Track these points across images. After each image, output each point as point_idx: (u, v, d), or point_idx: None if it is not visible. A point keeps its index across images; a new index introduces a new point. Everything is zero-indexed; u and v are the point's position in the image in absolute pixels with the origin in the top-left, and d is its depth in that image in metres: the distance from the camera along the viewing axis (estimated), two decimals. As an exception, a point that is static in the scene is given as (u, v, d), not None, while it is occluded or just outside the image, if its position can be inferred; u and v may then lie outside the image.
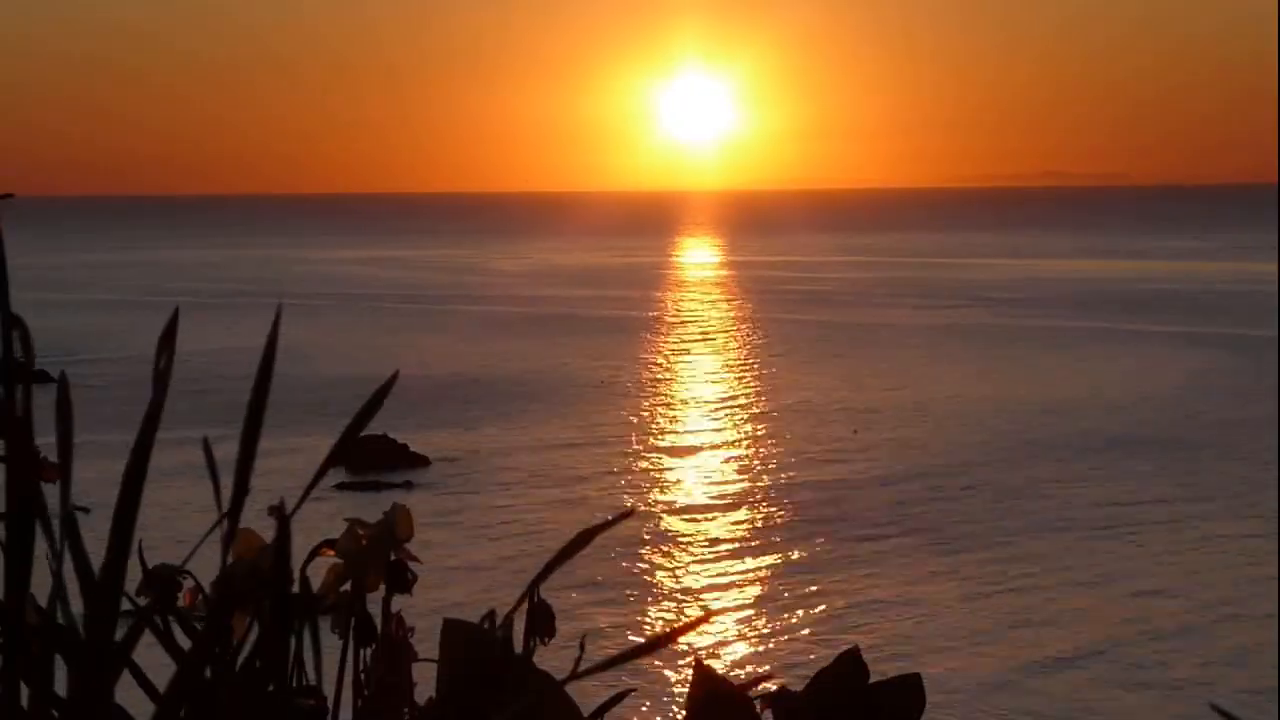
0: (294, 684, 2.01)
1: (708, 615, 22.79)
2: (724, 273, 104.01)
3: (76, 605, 1.73)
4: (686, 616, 21.68)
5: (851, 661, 2.54)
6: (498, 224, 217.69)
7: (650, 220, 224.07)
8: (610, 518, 1.86)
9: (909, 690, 2.55)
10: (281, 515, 1.66)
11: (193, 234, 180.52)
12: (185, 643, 1.93)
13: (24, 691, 1.72)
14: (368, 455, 31.02)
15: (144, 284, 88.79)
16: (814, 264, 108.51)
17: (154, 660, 1.96)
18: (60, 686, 1.72)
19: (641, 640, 1.61)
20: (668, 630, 1.65)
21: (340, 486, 29.37)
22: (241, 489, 1.70)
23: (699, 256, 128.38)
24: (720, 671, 2.46)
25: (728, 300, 79.19)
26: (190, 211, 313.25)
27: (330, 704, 2.08)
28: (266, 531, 1.90)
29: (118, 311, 69.18)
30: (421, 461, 32.30)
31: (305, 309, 68.67)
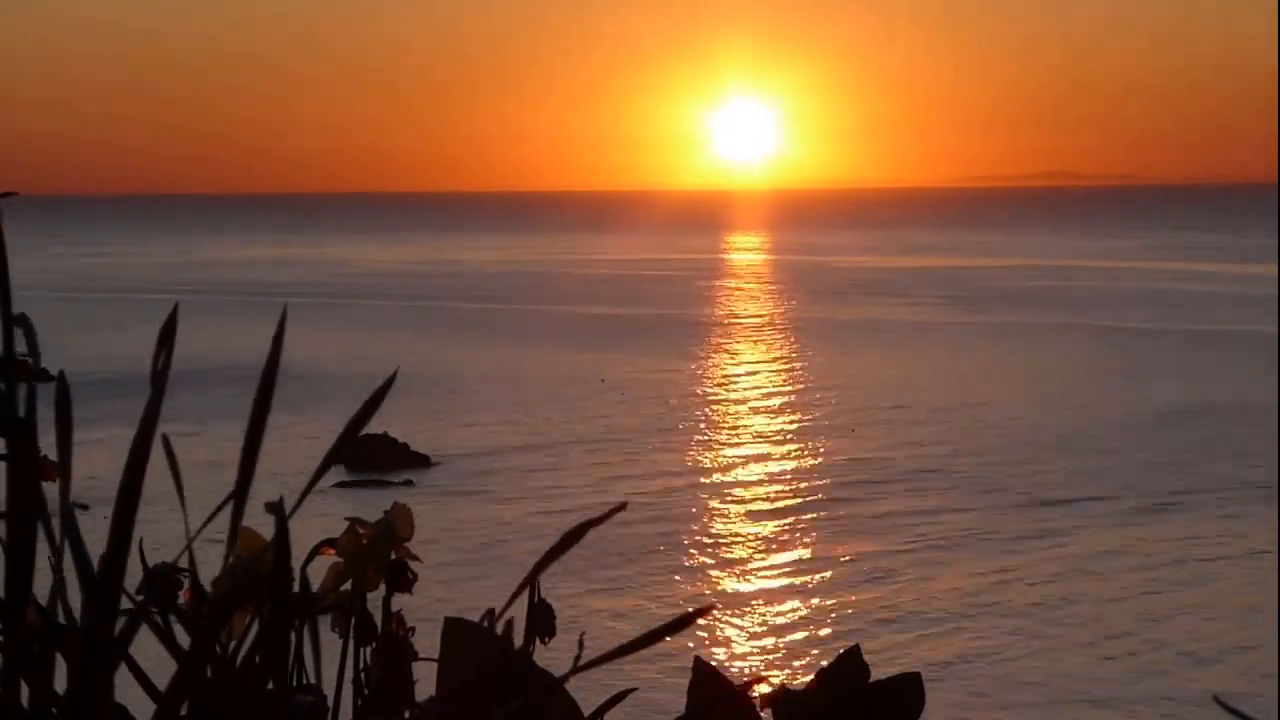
0: (294, 682, 2.01)
1: (707, 609, 22.80)
2: (733, 268, 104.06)
3: (76, 604, 1.73)
4: (687, 610, 21.63)
5: (852, 660, 2.54)
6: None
7: (689, 218, 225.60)
8: (604, 512, 1.86)
9: (909, 689, 2.55)
10: (280, 513, 1.66)
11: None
12: (186, 641, 1.93)
13: (24, 690, 1.72)
14: (368, 454, 30.99)
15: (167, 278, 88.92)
16: (813, 262, 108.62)
17: (155, 659, 1.96)
18: (60, 685, 1.72)
19: (640, 635, 1.61)
20: (667, 624, 1.65)
21: (341, 485, 29.36)
22: (244, 485, 1.70)
23: (713, 253, 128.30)
24: (720, 668, 2.46)
25: (732, 299, 79.21)
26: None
27: (330, 703, 2.08)
28: (267, 530, 1.90)
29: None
30: (422, 460, 32.26)
31: (310, 307, 68.74)
